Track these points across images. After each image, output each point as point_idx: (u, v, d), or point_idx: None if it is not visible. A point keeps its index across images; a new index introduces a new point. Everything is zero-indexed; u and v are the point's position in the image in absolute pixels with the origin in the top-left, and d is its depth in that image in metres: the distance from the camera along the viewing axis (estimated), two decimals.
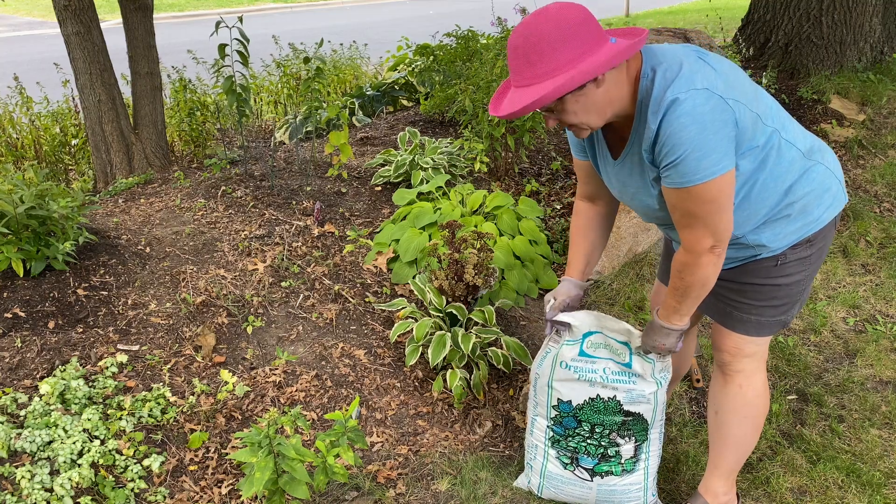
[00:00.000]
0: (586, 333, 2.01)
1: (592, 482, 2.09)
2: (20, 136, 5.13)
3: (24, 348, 2.49)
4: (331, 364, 2.69)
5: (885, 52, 5.40)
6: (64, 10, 3.84)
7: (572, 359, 2.00)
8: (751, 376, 1.91)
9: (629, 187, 1.74)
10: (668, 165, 1.54)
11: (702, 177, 1.51)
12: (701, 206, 1.55)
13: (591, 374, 2.00)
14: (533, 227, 3.31)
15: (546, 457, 2.14)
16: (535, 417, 2.14)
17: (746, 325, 1.86)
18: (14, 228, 2.70)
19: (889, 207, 3.93)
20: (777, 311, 1.83)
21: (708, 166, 1.50)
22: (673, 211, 1.62)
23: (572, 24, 1.47)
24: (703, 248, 1.60)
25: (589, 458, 2.07)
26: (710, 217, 1.56)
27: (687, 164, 1.50)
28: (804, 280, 1.81)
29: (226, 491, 2.17)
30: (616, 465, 2.07)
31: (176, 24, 15.10)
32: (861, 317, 3.10)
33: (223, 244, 3.24)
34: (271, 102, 6.29)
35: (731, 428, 1.97)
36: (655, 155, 1.57)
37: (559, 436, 2.10)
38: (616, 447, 2.05)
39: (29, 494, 1.96)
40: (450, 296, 2.68)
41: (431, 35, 6.11)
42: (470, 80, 4.12)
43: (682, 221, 1.61)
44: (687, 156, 1.49)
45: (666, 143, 1.51)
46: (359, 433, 1.88)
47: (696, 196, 1.54)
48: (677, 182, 1.54)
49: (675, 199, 1.58)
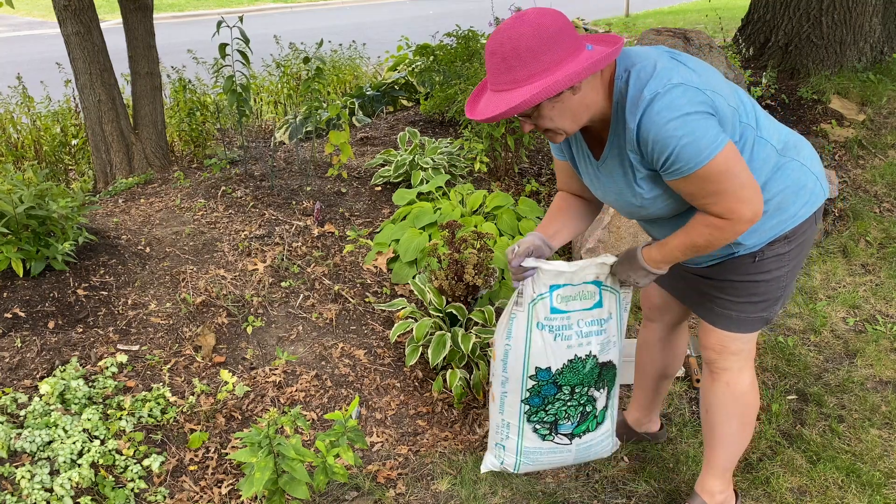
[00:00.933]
0: (553, 286, 1.92)
1: (571, 444, 2.05)
2: (20, 136, 5.13)
3: (24, 348, 2.49)
4: (331, 364, 2.69)
5: (885, 52, 5.40)
6: (64, 10, 3.84)
7: (546, 317, 1.92)
8: (738, 374, 1.92)
9: (611, 187, 1.74)
10: (665, 162, 1.54)
11: (704, 157, 1.50)
12: (717, 182, 1.54)
13: (567, 331, 1.94)
14: (533, 227, 3.31)
15: (521, 433, 2.05)
16: (504, 393, 2.03)
17: (727, 320, 1.87)
18: (14, 228, 2.70)
19: (889, 207, 3.93)
20: (757, 307, 1.84)
21: (706, 146, 1.50)
22: (693, 199, 1.60)
23: (551, 31, 1.48)
24: (745, 217, 1.57)
25: (568, 423, 2.02)
26: (731, 186, 1.54)
27: (685, 153, 1.50)
28: (784, 276, 1.81)
29: (226, 491, 2.17)
30: (592, 420, 2.04)
31: (176, 24, 15.10)
32: (861, 317, 3.10)
33: (223, 244, 3.24)
34: (271, 102, 6.29)
35: (721, 426, 1.97)
36: (645, 156, 1.58)
37: (536, 407, 2.01)
38: (593, 402, 2.02)
39: (29, 494, 1.96)
40: (450, 296, 2.68)
41: (431, 35, 6.10)
42: (470, 81, 4.12)
43: (708, 201, 1.58)
44: (682, 147, 1.50)
45: (654, 142, 1.52)
46: (359, 433, 1.89)
47: (707, 176, 1.53)
48: (683, 171, 1.53)
49: (689, 187, 1.57)
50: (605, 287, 1.94)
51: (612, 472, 2.29)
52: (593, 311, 1.96)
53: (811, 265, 3.44)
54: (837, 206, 3.84)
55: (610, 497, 2.21)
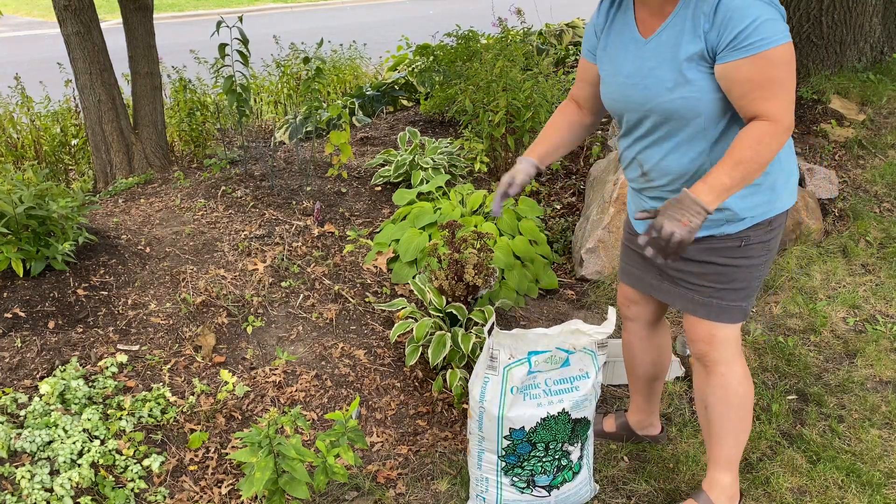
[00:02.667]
0: (532, 352, 1.95)
1: (551, 496, 2.07)
2: (20, 136, 5.13)
3: (24, 348, 2.49)
4: (331, 364, 2.69)
5: (885, 52, 5.39)
6: (64, 10, 3.84)
7: (521, 380, 1.94)
8: (731, 364, 1.93)
9: (646, 65, 1.74)
10: (740, 33, 1.56)
11: (780, 38, 1.55)
12: (782, 70, 1.57)
13: (535, 390, 1.96)
14: (533, 227, 3.31)
15: (500, 487, 2.06)
16: (481, 451, 2.04)
17: (709, 308, 1.88)
18: (14, 228, 2.70)
19: (889, 207, 3.93)
20: (738, 294, 1.86)
21: (782, 29, 1.55)
22: (750, 88, 1.59)
23: None
24: (788, 123, 1.59)
25: (545, 477, 2.04)
26: (790, 82, 1.58)
27: (764, 28, 1.54)
28: (762, 266, 1.85)
29: (226, 491, 2.17)
30: (568, 472, 2.07)
31: (176, 24, 15.10)
32: (861, 317, 3.10)
33: (223, 244, 3.24)
34: (271, 102, 6.29)
35: (721, 419, 1.99)
36: (716, 26, 1.59)
37: (512, 464, 2.03)
38: (567, 456, 2.04)
39: (29, 494, 1.96)
40: (450, 296, 2.68)
41: (431, 35, 6.10)
42: (470, 81, 4.12)
43: (763, 95, 1.58)
44: (763, 21, 1.54)
45: (735, 9, 1.55)
46: (359, 433, 1.89)
47: (774, 60, 1.56)
48: (756, 46, 1.55)
49: (753, 71, 1.57)
50: (575, 351, 1.97)
51: (612, 472, 2.29)
52: (562, 369, 1.98)
53: (811, 265, 3.44)
54: (837, 206, 3.84)
55: (610, 497, 2.21)
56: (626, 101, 1.82)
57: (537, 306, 3.17)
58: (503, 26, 4.94)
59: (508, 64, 3.97)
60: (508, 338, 1.95)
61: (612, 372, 2.71)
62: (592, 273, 3.36)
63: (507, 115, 3.87)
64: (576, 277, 3.43)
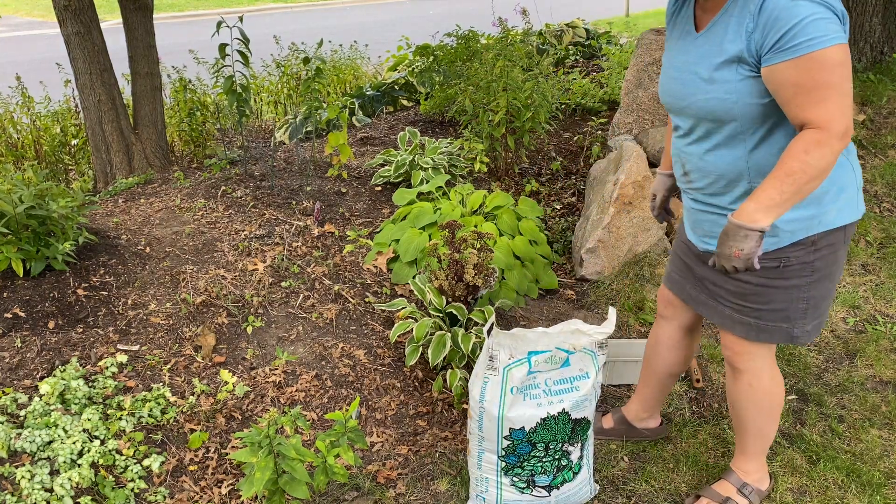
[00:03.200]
0: (532, 352, 1.94)
1: (551, 496, 2.07)
2: (20, 136, 5.13)
3: (24, 348, 2.49)
4: (331, 364, 2.69)
5: (885, 52, 5.39)
6: (64, 10, 3.84)
7: (521, 380, 1.94)
8: (759, 373, 1.92)
9: (690, 60, 1.69)
10: (784, 35, 1.46)
11: (828, 40, 1.43)
12: (833, 72, 1.44)
13: (535, 390, 1.96)
14: (533, 227, 3.31)
15: (500, 487, 2.07)
16: (482, 451, 2.05)
17: (747, 328, 1.85)
18: (14, 228, 2.70)
19: (889, 207, 3.93)
20: (777, 315, 1.79)
21: (834, 28, 1.44)
22: (795, 93, 1.49)
23: None
24: (839, 130, 1.47)
25: (545, 477, 2.05)
26: (843, 84, 1.46)
27: (810, 28, 1.43)
28: (806, 288, 1.74)
29: (226, 491, 2.17)
30: (568, 472, 2.07)
31: (176, 24, 15.10)
32: (861, 317, 3.10)
33: (223, 244, 3.24)
34: (271, 102, 6.29)
35: (748, 420, 2.02)
36: (760, 26, 1.50)
37: (512, 464, 2.03)
38: (567, 456, 2.05)
39: (29, 494, 1.96)
40: (450, 296, 2.68)
41: (431, 35, 6.11)
42: (470, 81, 4.12)
43: (810, 100, 1.47)
44: (809, 21, 1.43)
45: (781, 9, 1.46)
46: (359, 433, 1.88)
47: (825, 61, 1.44)
48: (801, 48, 1.44)
49: (798, 74, 1.47)
50: (575, 351, 1.97)
51: (612, 472, 2.29)
52: (562, 369, 1.98)
53: None
54: None
55: (610, 497, 2.21)
56: (670, 96, 1.78)
57: (537, 306, 3.17)
58: (503, 26, 4.94)
59: (509, 64, 3.97)
60: (508, 338, 1.95)
61: (612, 372, 2.71)
62: (592, 273, 3.36)
63: (507, 115, 3.87)
64: (576, 277, 3.43)
